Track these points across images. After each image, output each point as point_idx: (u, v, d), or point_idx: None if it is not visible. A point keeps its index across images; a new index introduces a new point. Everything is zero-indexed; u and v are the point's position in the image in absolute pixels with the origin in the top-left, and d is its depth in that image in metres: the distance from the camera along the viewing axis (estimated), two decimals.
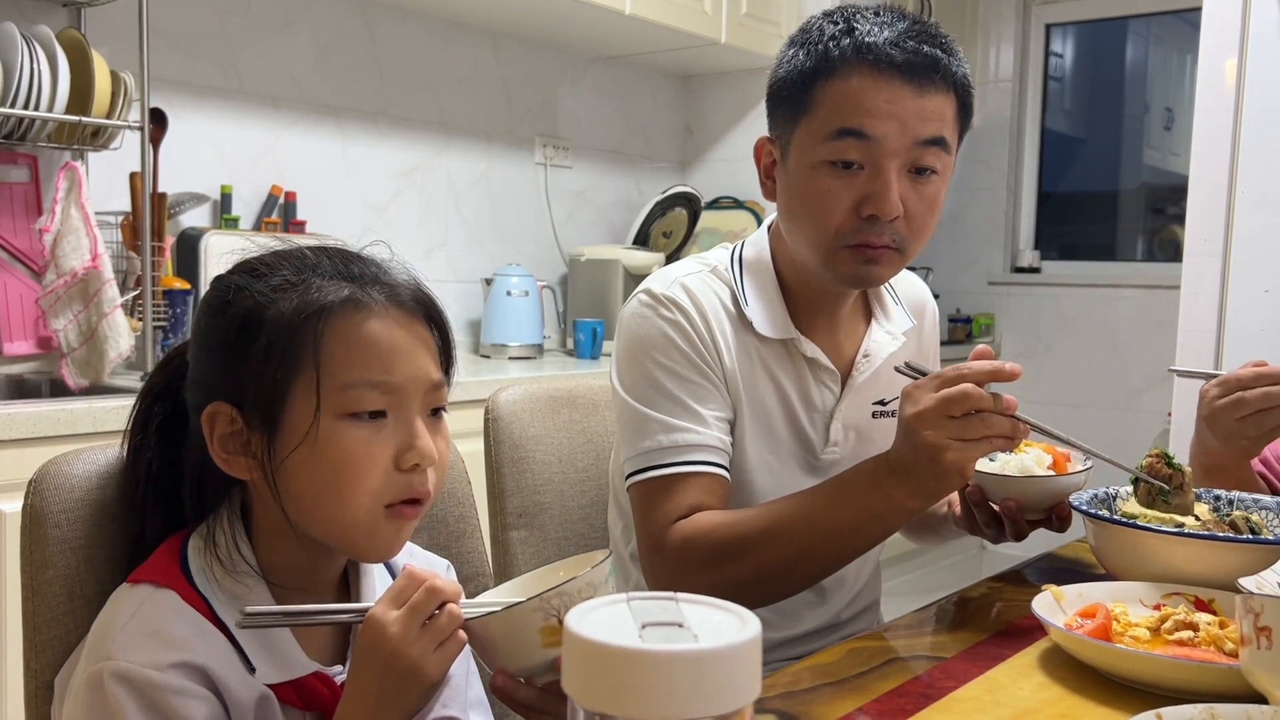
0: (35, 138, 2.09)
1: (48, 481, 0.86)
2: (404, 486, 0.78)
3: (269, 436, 0.77)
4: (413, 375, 0.79)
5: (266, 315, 0.77)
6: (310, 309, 0.77)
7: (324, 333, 0.76)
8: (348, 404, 0.76)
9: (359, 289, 0.79)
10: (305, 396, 0.76)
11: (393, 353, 0.78)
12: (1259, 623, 0.75)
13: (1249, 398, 1.21)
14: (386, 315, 0.79)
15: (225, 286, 0.80)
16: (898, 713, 0.83)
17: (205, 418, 0.78)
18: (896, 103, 1.06)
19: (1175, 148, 4.24)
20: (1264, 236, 2.16)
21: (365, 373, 0.77)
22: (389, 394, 0.78)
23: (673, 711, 0.43)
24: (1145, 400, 3.88)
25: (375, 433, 0.77)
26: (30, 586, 0.85)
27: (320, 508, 0.78)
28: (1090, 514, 1.08)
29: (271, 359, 0.76)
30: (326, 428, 0.76)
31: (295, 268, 0.80)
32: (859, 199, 1.08)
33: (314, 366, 0.76)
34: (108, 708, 0.72)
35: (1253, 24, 2.15)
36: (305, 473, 0.77)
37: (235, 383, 0.78)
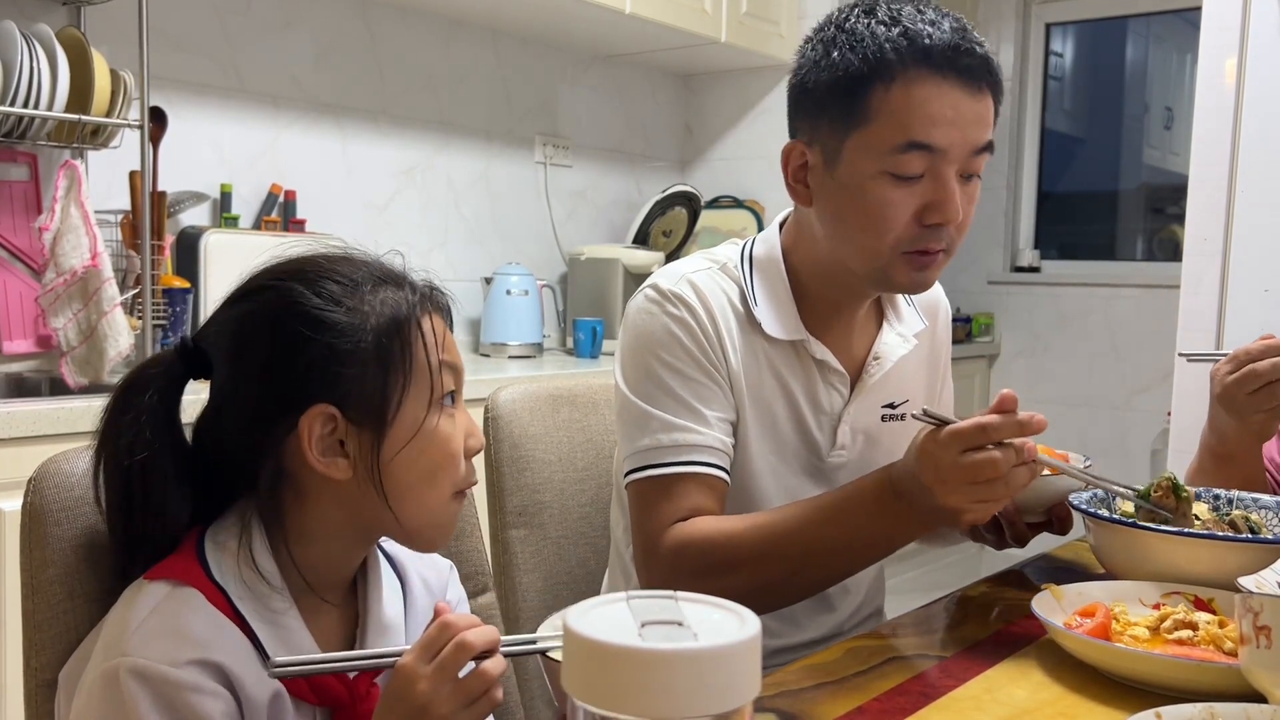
0: (35, 136, 2.09)
1: (48, 480, 0.86)
2: (471, 473, 0.86)
3: (379, 432, 0.80)
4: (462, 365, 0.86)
5: (368, 320, 0.81)
6: (403, 312, 0.82)
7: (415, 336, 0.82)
8: (438, 389, 0.83)
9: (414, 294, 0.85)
10: (414, 393, 0.81)
11: (450, 341, 0.86)
12: (1258, 622, 0.75)
13: (1260, 369, 1.20)
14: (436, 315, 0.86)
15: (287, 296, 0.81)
16: (897, 712, 0.83)
17: (305, 424, 0.79)
18: (958, 110, 1.04)
19: (1175, 147, 4.24)
20: (1264, 236, 2.16)
21: (446, 357, 0.84)
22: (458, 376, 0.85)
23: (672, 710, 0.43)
24: (1145, 400, 3.88)
25: (453, 420, 0.84)
26: (30, 585, 0.85)
27: (413, 496, 0.81)
28: (1090, 513, 1.08)
29: (384, 360, 0.80)
30: (430, 419, 0.82)
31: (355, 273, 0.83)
32: (921, 207, 1.06)
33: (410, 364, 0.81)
34: (123, 704, 0.72)
35: (1253, 23, 2.15)
36: (408, 463, 0.81)
37: (337, 385, 0.79)
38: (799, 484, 1.18)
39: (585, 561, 1.33)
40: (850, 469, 1.20)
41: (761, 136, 3.58)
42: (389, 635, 0.86)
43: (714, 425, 1.11)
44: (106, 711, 0.73)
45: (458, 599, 0.95)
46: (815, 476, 1.19)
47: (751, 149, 3.61)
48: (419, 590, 0.91)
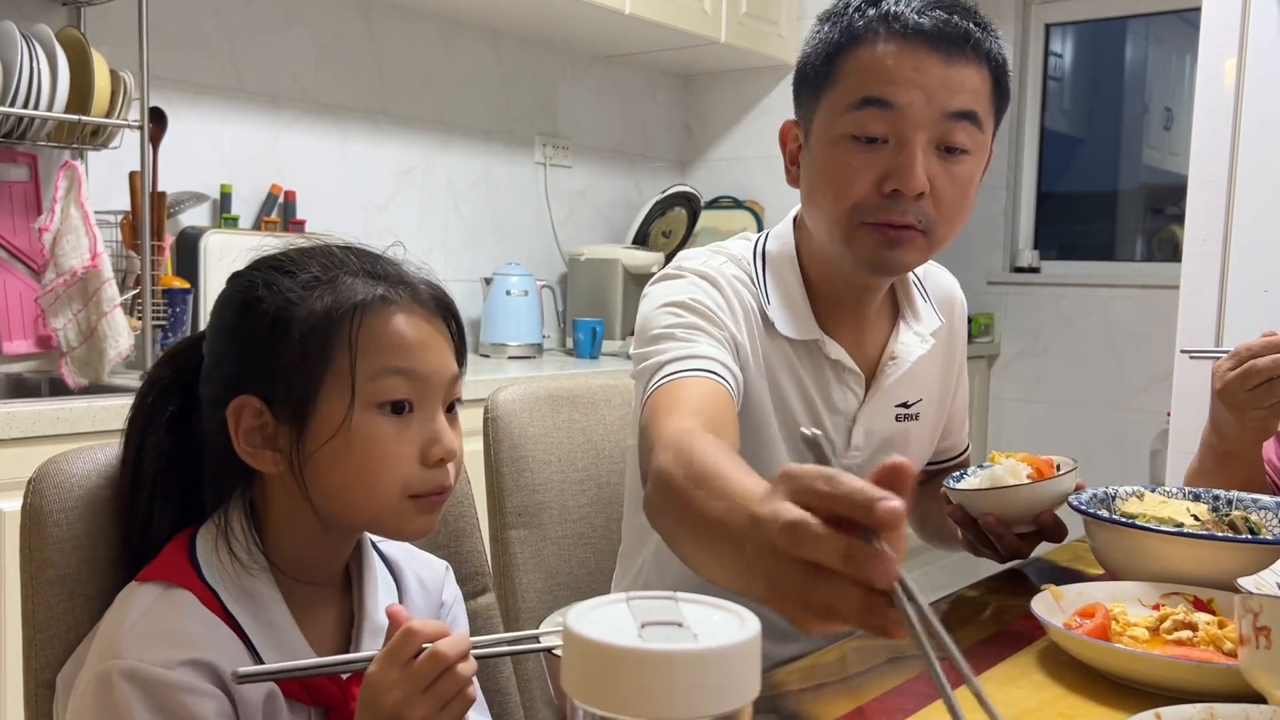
0: (35, 137, 2.09)
1: (47, 480, 0.86)
2: (429, 480, 0.80)
3: (300, 430, 0.78)
4: (436, 368, 0.81)
5: (298, 312, 0.78)
6: (344, 306, 0.78)
7: (357, 327, 0.78)
8: (376, 394, 0.78)
9: (387, 287, 0.81)
10: (338, 390, 0.78)
11: (419, 346, 0.80)
12: (1258, 622, 0.75)
13: (1260, 365, 1.20)
14: (411, 311, 0.81)
15: (250, 282, 0.81)
16: (898, 712, 0.83)
17: (231, 411, 0.79)
18: (922, 71, 1.01)
19: (1174, 147, 4.24)
20: (1263, 236, 2.16)
21: (393, 362, 0.79)
22: (415, 385, 0.79)
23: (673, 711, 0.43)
24: (1144, 400, 3.88)
25: (403, 427, 0.79)
26: (30, 585, 0.85)
27: (349, 499, 0.79)
28: (1089, 513, 1.08)
29: (306, 354, 0.77)
30: (357, 421, 0.78)
31: (323, 265, 0.81)
32: (882, 174, 1.02)
33: (349, 361, 0.78)
34: (116, 706, 0.72)
35: (1252, 24, 2.16)
36: (335, 466, 0.78)
37: (264, 377, 0.78)
38: None
39: (585, 562, 1.33)
40: (863, 470, 1.19)
41: (761, 137, 3.58)
42: (384, 636, 0.85)
43: (723, 347, 1.06)
44: (100, 714, 0.73)
45: (453, 598, 0.95)
46: None
47: (751, 149, 3.61)
48: (415, 590, 0.91)
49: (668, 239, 3.39)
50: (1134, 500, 1.16)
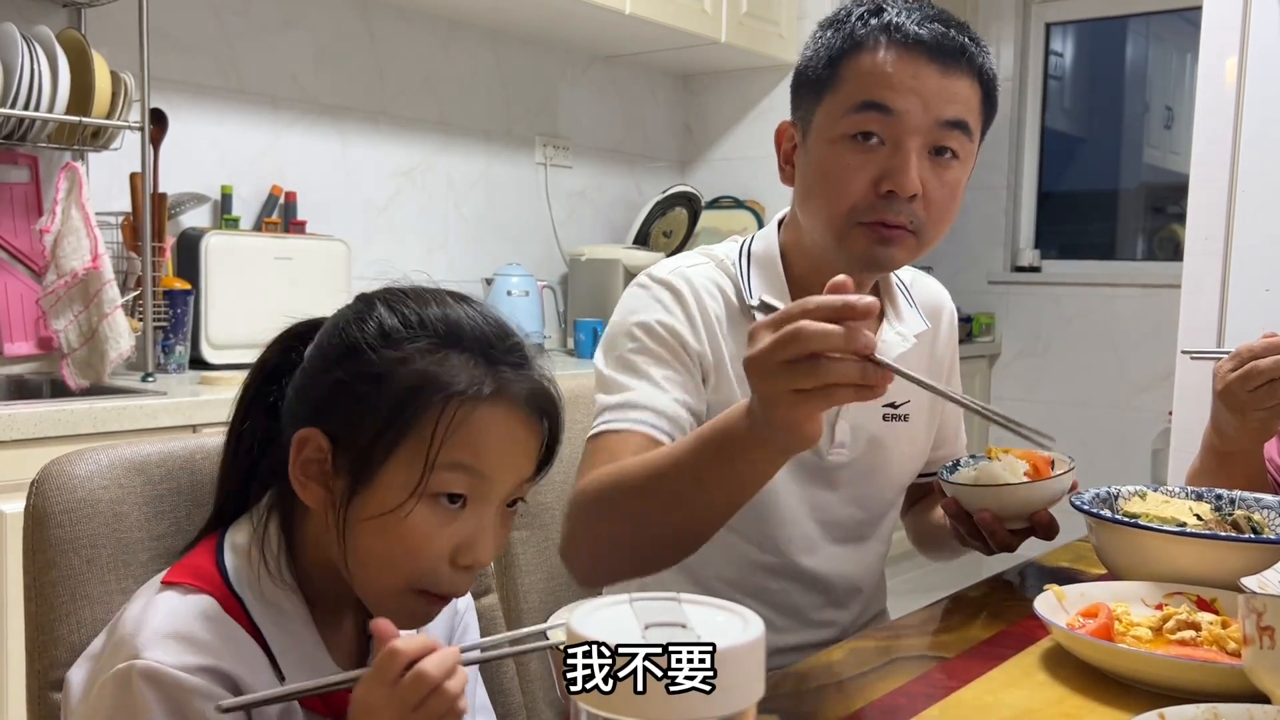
0: (35, 138, 2.09)
1: (50, 482, 0.86)
2: (446, 583, 0.78)
3: (354, 485, 0.76)
4: (509, 471, 0.78)
5: (399, 371, 0.76)
6: (442, 388, 0.76)
7: (449, 418, 0.75)
8: (438, 484, 0.76)
9: (494, 380, 0.77)
10: (404, 466, 0.75)
11: (501, 450, 0.77)
12: (1261, 622, 0.75)
13: (1262, 366, 1.20)
14: (509, 411, 0.78)
15: (361, 328, 0.78)
16: (900, 712, 0.83)
17: (297, 439, 0.78)
18: (920, 79, 1.06)
19: (1175, 146, 4.24)
20: (1264, 235, 2.16)
21: (467, 459, 0.76)
22: (479, 483, 0.77)
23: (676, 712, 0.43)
24: (1145, 399, 3.88)
25: (449, 522, 0.76)
26: (33, 587, 0.85)
27: (365, 564, 0.77)
28: (1092, 513, 1.08)
29: (389, 419, 0.75)
30: (408, 501, 0.75)
31: (438, 333, 0.78)
32: (878, 175, 1.07)
33: (426, 446, 0.75)
34: (134, 706, 0.71)
35: (1253, 23, 2.15)
36: (372, 537, 0.76)
37: (340, 420, 0.77)
38: (796, 483, 1.17)
39: None
40: (851, 468, 1.20)
41: (762, 136, 3.58)
42: None
43: (668, 397, 1.08)
44: (116, 711, 0.72)
45: (466, 606, 0.95)
46: (815, 474, 1.18)
47: (752, 149, 3.61)
48: None
49: (668, 239, 3.39)
50: (1136, 500, 1.16)
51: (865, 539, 1.24)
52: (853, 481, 1.20)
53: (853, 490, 1.21)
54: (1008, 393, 4.18)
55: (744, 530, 1.16)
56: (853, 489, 1.21)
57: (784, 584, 1.19)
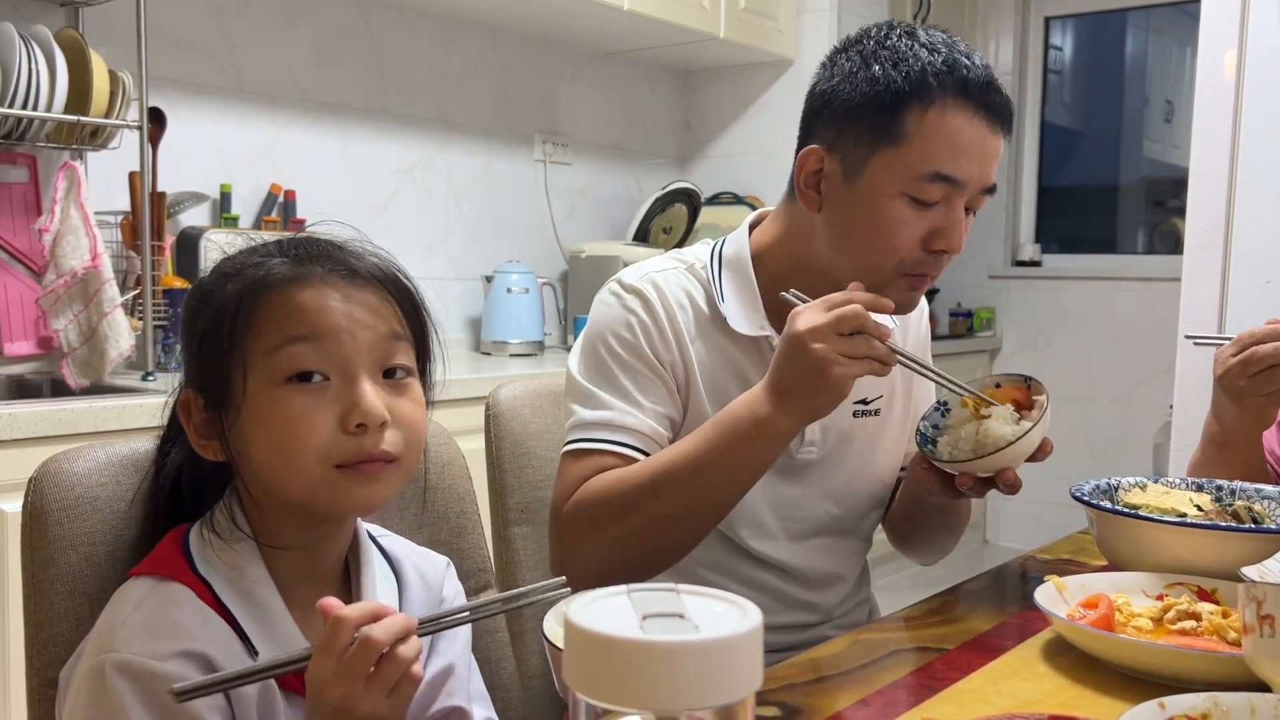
0: (34, 138, 2.09)
1: (48, 479, 0.86)
2: (353, 448, 0.77)
3: (222, 414, 0.78)
4: (349, 332, 0.78)
5: (215, 299, 0.79)
6: (246, 288, 0.78)
7: (254, 305, 0.78)
8: (281, 367, 0.77)
9: (300, 266, 0.79)
10: (238, 367, 0.78)
11: (323, 311, 0.78)
12: (1261, 611, 0.75)
13: (1262, 351, 1.20)
14: (324, 284, 0.79)
15: (198, 283, 0.84)
16: (901, 704, 0.83)
17: (180, 408, 0.81)
18: (983, 145, 1.07)
19: (1175, 140, 4.24)
20: (1264, 228, 2.16)
21: (293, 330, 0.77)
22: (324, 353, 0.77)
23: (674, 702, 0.43)
24: (1146, 392, 3.88)
25: (316, 396, 0.77)
26: (32, 584, 0.85)
27: (273, 476, 0.78)
28: (1093, 504, 1.08)
29: (217, 338, 0.78)
30: (266, 396, 0.77)
31: (249, 252, 0.82)
32: (928, 232, 1.09)
33: (249, 339, 0.77)
34: (109, 701, 0.72)
35: (1252, 16, 2.15)
36: (253, 444, 0.78)
37: (194, 369, 0.81)
38: (769, 480, 1.17)
39: None
40: (821, 465, 1.20)
41: (761, 132, 3.58)
42: None
43: (646, 412, 1.12)
44: (93, 710, 0.72)
45: (454, 594, 0.95)
46: (784, 473, 1.18)
47: (751, 145, 3.61)
48: (415, 585, 0.91)
49: (668, 235, 3.39)
50: (1137, 491, 1.16)
51: (844, 534, 1.25)
52: (823, 478, 1.21)
53: (825, 486, 1.21)
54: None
55: (722, 528, 1.17)
56: (824, 485, 1.21)
57: (762, 574, 1.20)
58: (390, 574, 0.89)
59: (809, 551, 1.22)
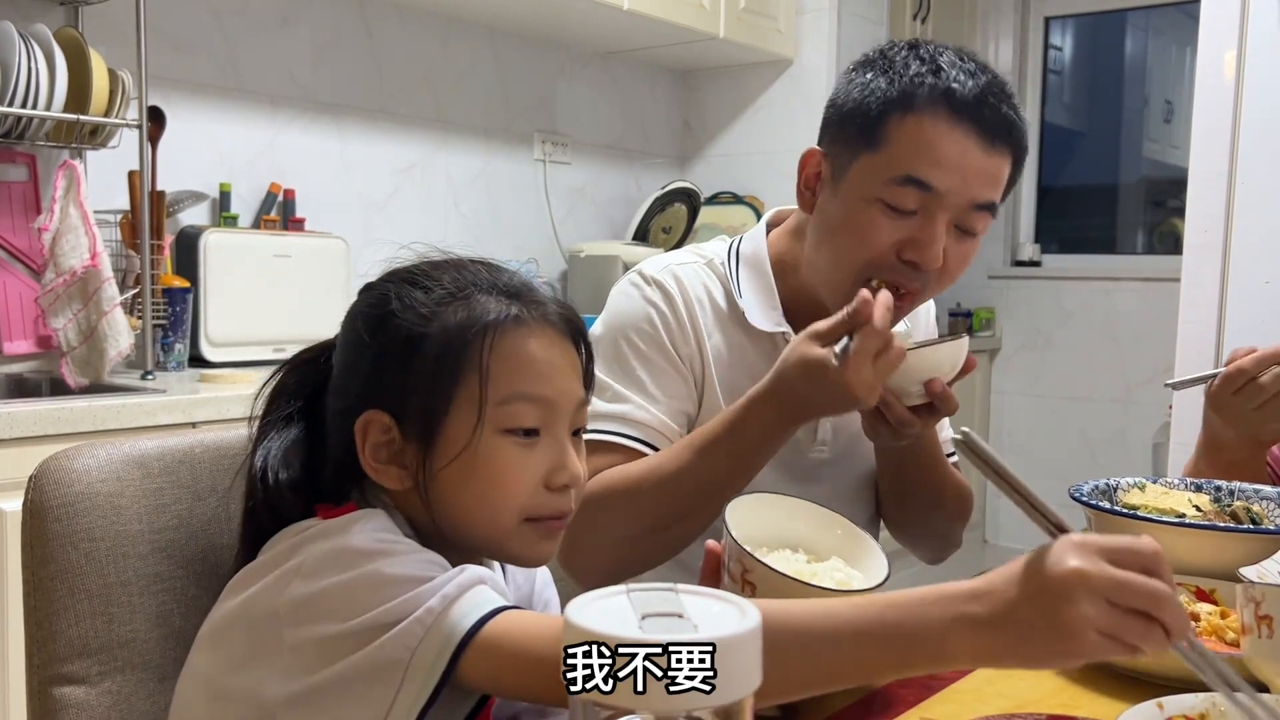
0: (33, 136, 2.09)
1: (48, 477, 0.86)
2: (550, 504, 0.79)
3: (427, 449, 0.77)
4: (566, 393, 0.80)
5: (432, 328, 0.77)
6: (477, 324, 0.77)
7: (489, 348, 0.77)
8: (506, 419, 0.77)
9: (520, 306, 0.79)
10: (467, 410, 0.76)
11: (551, 371, 0.79)
12: (1260, 611, 0.75)
13: (1264, 383, 1.19)
14: (544, 334, 0.79)
15: (384, 295, 0.80)
16: (900, 704, 0.83)
17: (359, 426, 0.78)
18: (965, 156, 1.05)
19: (1175, 140, 4.24)
20: (1264, 228, 2.16)
21: (524, 387, 0.77)
22: (545, 411, 0.78)
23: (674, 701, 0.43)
24: (1146, 393, 3.87)
25: (529, 451, 0.78)
26: (31, 581, 0.85)
27: (471, 521, 0.78)
28: (1091, 505, 1.08)
29: (438, 371, 0.76)
30: (484, 443, 0.76)
31: (456, 280, 0.80)
32: (902, 241, 1.07)
33: (478, 381, 0.76)
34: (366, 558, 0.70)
35: (1252, 16, 2.15)
36: (459, 487, 0.77)
37: (393, 393, 0.78)
38: (778, 479, 1.17)
39: None
40: (831, 465, 1.21)
41: (760, 132, 3.58)
42: None
43: (661, 407, 1.12)
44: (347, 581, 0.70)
45: (545, 581, 0.95)
46: (795, 472, 1.19)
47: (750, 144, 3.61)
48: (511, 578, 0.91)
49: (668, 235, 3.39)
50: (1136, 491, 1.16)
51: None
52: (834, 478, 1.21)
53: (834, 486, 1.21)
54: (1008, 387, 4.18)
55: None
56: (834, 485, 1.21)
57: None
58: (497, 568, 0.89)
59: None
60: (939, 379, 1.04)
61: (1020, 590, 0.65)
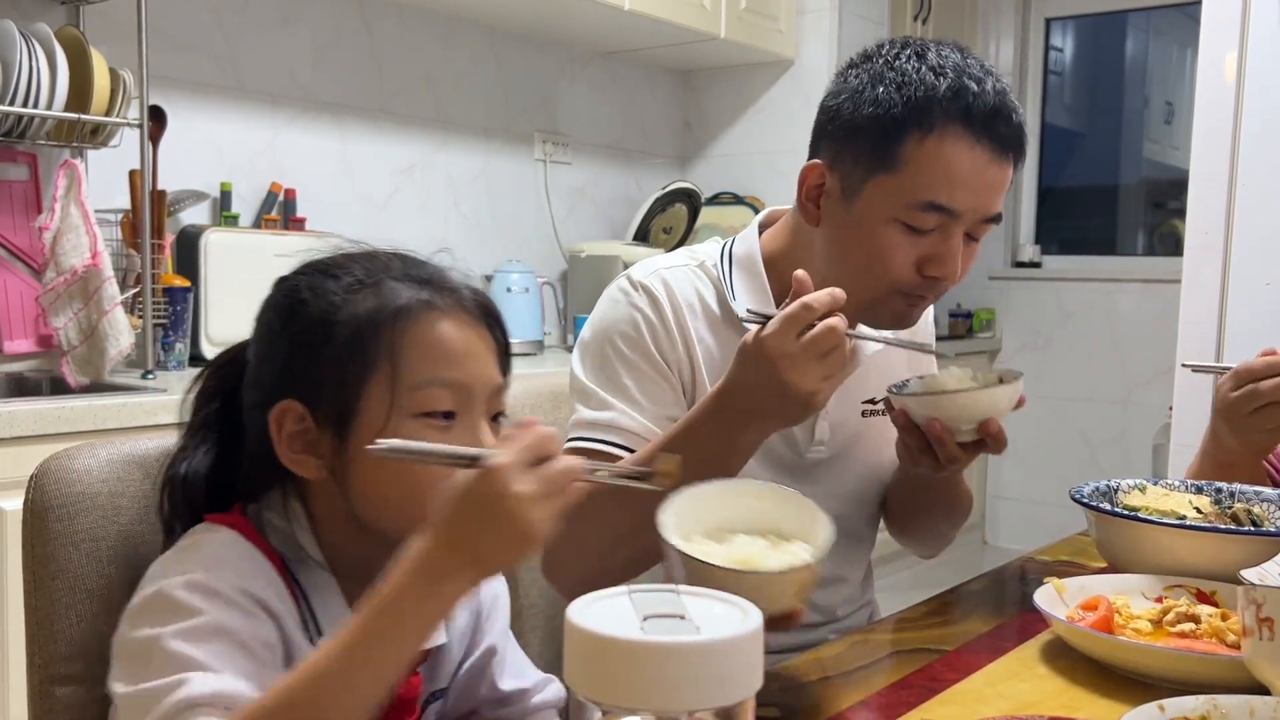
0: (34, 135, 2.09)
1: (49, 476, 0.86)
2: None
3: (341, 436, 0.77)
4: (480, 377, 0.79)
5: (341, 315, 0.77)
6: (386, 310, 0.77)
7: (400, 333, 0.77)
8: (420, 404, 0.77)
9: (432, 292, 0.80)
10: (379, 396, 0.76)
11: (464, 354, 0.79)
12: (1261, 614, 0.75)
13: (1263, 389, 1.18)
14: (456, 318, 0.80)
15: (295, 286, 0.80)
16: (901, 705, 0.83)
17: (274, 417, 0.78)
18: (982, 175, 1.05)
19: (1175, 141, 4.24)
20: (1264, 230, 2.15)
21: (438, 372, 0.77)
22: (459, 394, 0.78)
23: (676, 703, 0.43)
24: (1146, 394, 3.88)
25: (443, 434, 0.77)
26: (32, 581, 0.85)
27: (390, 507, 0.78)
28: (1092, 506, 1.08)
29: (349, 358, 0.77)
30: (399, 428, 0.76)
31: (367, 268, 0.80)
32: (923, 258, 1.07)
33: (389, 366, 0.76)
34: (171, 604, 0.71)
35: (1253, 17, 2.15)
36: (376, 473, 0.76)
37: (306, 382, 0.78)
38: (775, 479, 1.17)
39: None
40: (829, 465, 1.20)
41: (761, 132, 3.58)
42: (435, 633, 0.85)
43: (647, 414, 1.11)
44: (152, 615, 0.72)
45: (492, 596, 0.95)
46: (793, 472, 1.18)
47: (751, 145, 3.61)
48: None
49: (668, 235, 3.39)
50: (1136, 493, 1.16)
51: (849, 534, 1.25)
52: (832, 478, 1.21)
53: (833, 486, 1.21)
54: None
55: None
56: (832, 485, 1.21)
57: None
58: None
59: None
60: (995, 419, 1.04)
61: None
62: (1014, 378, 1.05)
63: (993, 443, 1.05)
